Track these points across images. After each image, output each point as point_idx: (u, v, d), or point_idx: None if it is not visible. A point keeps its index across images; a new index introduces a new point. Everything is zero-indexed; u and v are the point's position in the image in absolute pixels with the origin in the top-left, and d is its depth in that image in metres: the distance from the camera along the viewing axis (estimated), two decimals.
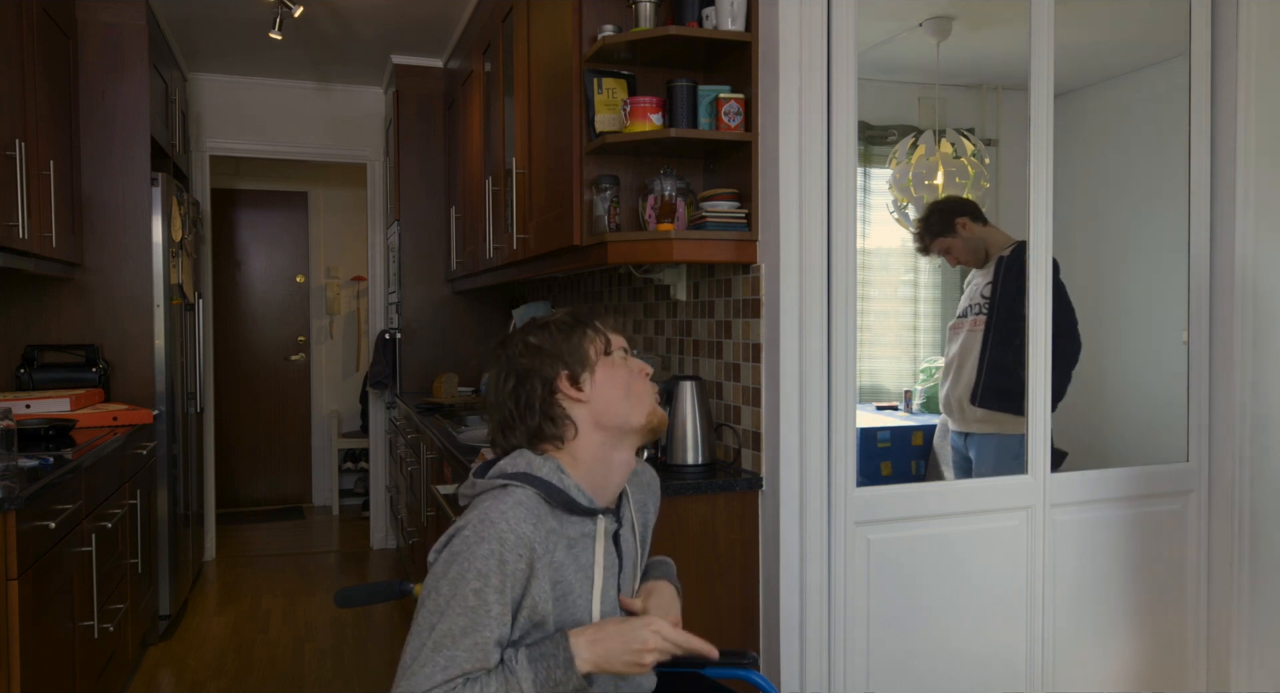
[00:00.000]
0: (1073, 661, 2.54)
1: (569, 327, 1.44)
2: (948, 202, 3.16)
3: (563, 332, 1.43)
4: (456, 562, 1.25)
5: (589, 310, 1.50)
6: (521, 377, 1.41)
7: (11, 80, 2.91)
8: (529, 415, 1.40)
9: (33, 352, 3.68)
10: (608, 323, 1.48)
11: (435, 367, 4.87)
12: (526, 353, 1.42)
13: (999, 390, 2.83)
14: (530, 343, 1.43)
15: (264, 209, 6.61)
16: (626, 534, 1.47)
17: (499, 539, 1.25)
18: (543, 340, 1.42)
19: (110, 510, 3.04)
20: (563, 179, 2.69)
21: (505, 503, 1.29)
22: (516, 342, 1.44)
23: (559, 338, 1.42)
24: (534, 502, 1.32)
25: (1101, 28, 3.01)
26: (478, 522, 1.27)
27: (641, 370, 1.47)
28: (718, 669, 1.62)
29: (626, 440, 1.44)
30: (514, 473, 1.35)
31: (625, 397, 1.42)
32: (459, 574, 1.24)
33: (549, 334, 1.43)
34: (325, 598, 4.48)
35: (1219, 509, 2.63)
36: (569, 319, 1.45)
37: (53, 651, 2.45)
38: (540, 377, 1.40)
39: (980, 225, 2.98)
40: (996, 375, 2.84)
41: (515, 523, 1.27)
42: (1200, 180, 2.63)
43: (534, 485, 1.34)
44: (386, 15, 4.24)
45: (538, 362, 1.41)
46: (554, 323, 1.45)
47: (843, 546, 2.28)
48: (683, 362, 2.84)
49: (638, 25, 2.45)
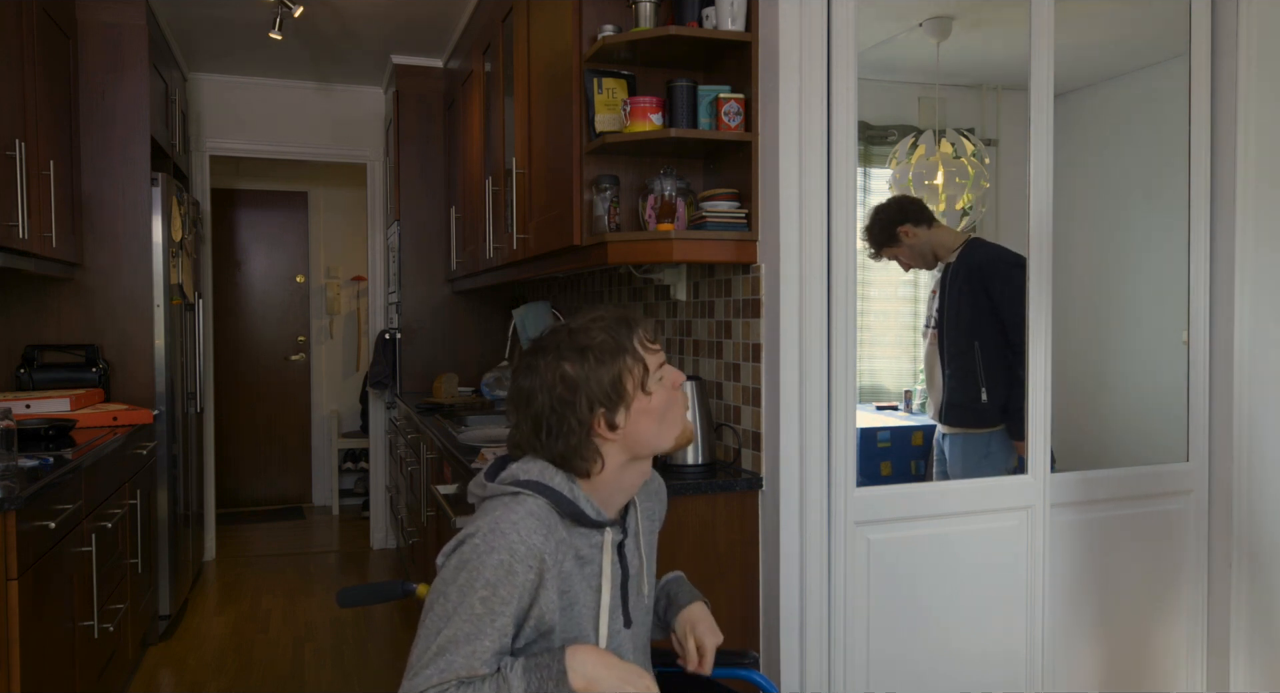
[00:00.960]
0: (1072, 660, 2.55)
1: (609, 354, 1.35)
2: (888, 207, 2.98)
3: (602, 361, 1.34)
4: (466, 569, 1.25)
5: (628, 325, 1.39)
6: (555, 407, 1.34)
7: (11, 80, 2.91)
8: (557, 444, 1.35)
9: (33, 352, 3.68)
10: (647, 333, 1.40)
11: (435, 367, 4.87)
12: (563, 383, 1.34)
13: (959, 407, 2.84)
14: (567, 375, 1.34)
15: (264, 209, 6.61)
16: (631, 545, 1.47)
17: (509, 550, 1.25)
18: (579, 372, 1.33)
19: (110, 510, 3.04)
20: (563, 179, 2.69)
21: (517, 513, 1.29)
22: (552, 366, 1.35)
23: (598, 370, 1.34)
24: (545, 512, 1.31)
25: (1101, 28, 3.01)
26: (489, 530, 1.27)
27: (674, 384, 1.41)
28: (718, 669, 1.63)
29: (647, 460, 1.43)
30: (527, 481, 1.34)
31: (659, 425, 1.38)
32: (468, 582, 1.24)
33: (587, 364, 1.34)
34: (325, 598, 4.48)
35: (1219, 509, 2.63)
36: (610, 341, 1.36)
37: (53, 651, 2.45)
38: (575, 416, 1.33)
39: (925, 229, 2.86)
40: (954, 393, 2.84)
41: (526, 534, 1.26)
42: (1200, 180, 2.62)
43: (545, 495, 1.33)
44: (386, 15, 4.24)
45: (574, 397, 1.33)
46: (593, 349, 1.35)
47: (843, 546, 2.28)
48: (683, 362, 2.84)
49: (638, 25, 2.45)
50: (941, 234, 2.90)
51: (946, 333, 2.83)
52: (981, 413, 2.78)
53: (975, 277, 2.77)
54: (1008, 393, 2.70)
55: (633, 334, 1.38)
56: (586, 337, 1.36)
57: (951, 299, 2.81)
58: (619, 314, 1.40)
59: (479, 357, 4.95)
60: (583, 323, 1.39)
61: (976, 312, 2.77)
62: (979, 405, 2.76)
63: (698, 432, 2.45)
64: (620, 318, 1.40)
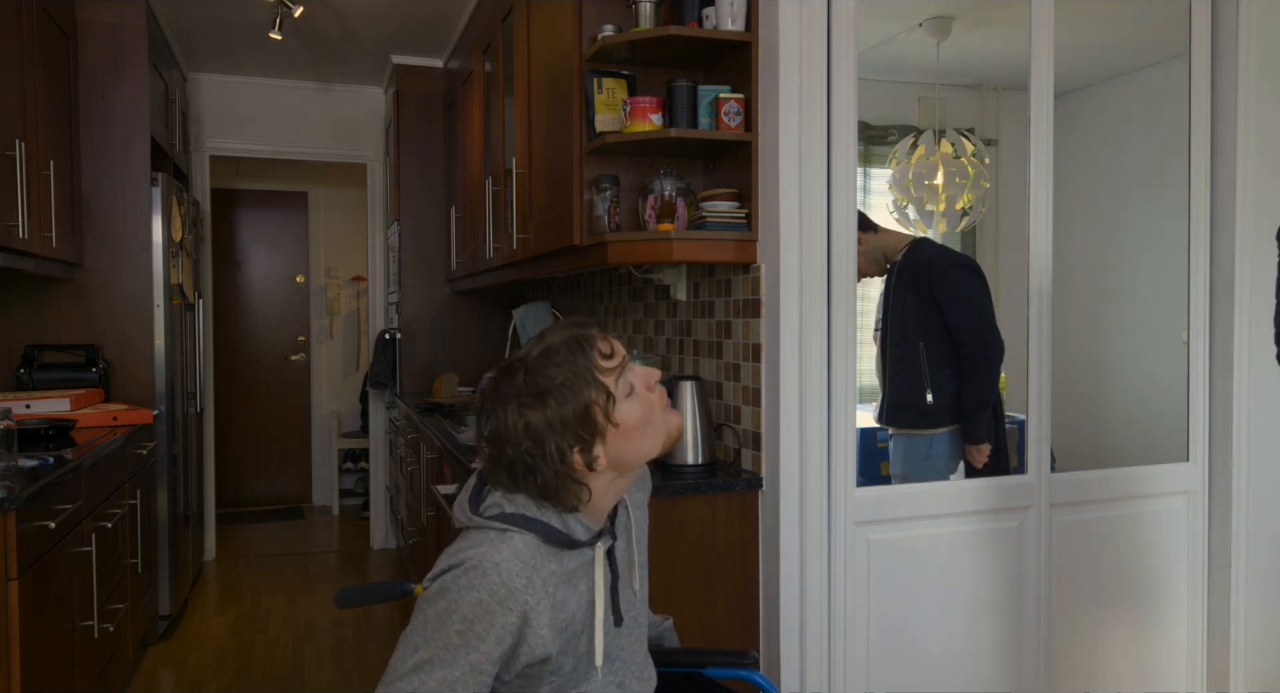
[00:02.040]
0: (1072, 660, 2.55)
1: (571, 391, 1.26)
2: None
3: (564, 401, 1.26)
4: (445, 597, 1.24)
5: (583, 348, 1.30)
6: (525, 460, 1.27)
7: (11, 80, 2.91)
8: (535, 488, 1.29)
9: (33, 352, 3.68)
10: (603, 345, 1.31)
11: (435, 367, 4.87)
12: (529, 435, 1.26)
13: (902, 408, 2.83)
14: (532, 425, 1.26)
15: (264, 209, 6.61)
16: (621, 545, 1.46)
17: (489, 591, 1.22)
18: (543, 419, 1.26)
19: (110, 510, 3.04)
20: (563, 179, 2.69)
21: (502, 553, 1.24)
22: (514, 415, 1.27)
23: (563, 410, 1.26)
24: (531, 550, 1.27)
25: (1101, 28, 3.01)
26: (472, 567, 1.24)
27: (646, 383, 1.34)
28: (718, 669, 1.63)
29: (640, 468, 1.40)
30: (513, 515, 1.29)
31: (641, 435, 1.32)
32: (445, 610, 1.23)
33: (549, 409, 1.26)
34: (325, 598, 4.48)
35: (1219, 509, 2.63)
36: (569, 378, 1.27)
37: (53, 651, 2.45)
38: (548, 465, 1.27)
39: (871, 234, 2.82)
40: (897, 393, 2.83)
41: (508, 577, 1.23)
42: (1200, 180, 2.63)
43: (533, 529, 1.28)
44: (386, 15, 4.24)
45: (543, 447, 1.26)
46: (553, 392, 1.26)
47: (843, 546, 2.28)
48: (683, 362, 2.84)
49: (638, 25, 2.45)
50: (888, 236, 2.90)
51: (890, 333, 2.82)
52: (926, 414, 2.77)
53: (920, 276, 2.77)
54: (955, 395, 2.70)
55: (590, 360, 1.29)
56: (544, 377, 1.27)
57: (895, 299, 2.80)
58: (570, 336, 1.31)
59: (479, 357, 4.95)
60: (535, 359, 1.29)
61: (922, 312, 2.76)
62: (924, 407, 2.76)
63: (699, 432, 2.45)
64: (573, 341, 1.30)
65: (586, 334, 1.31)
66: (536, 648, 1.27)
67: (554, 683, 1.34)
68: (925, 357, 2.74)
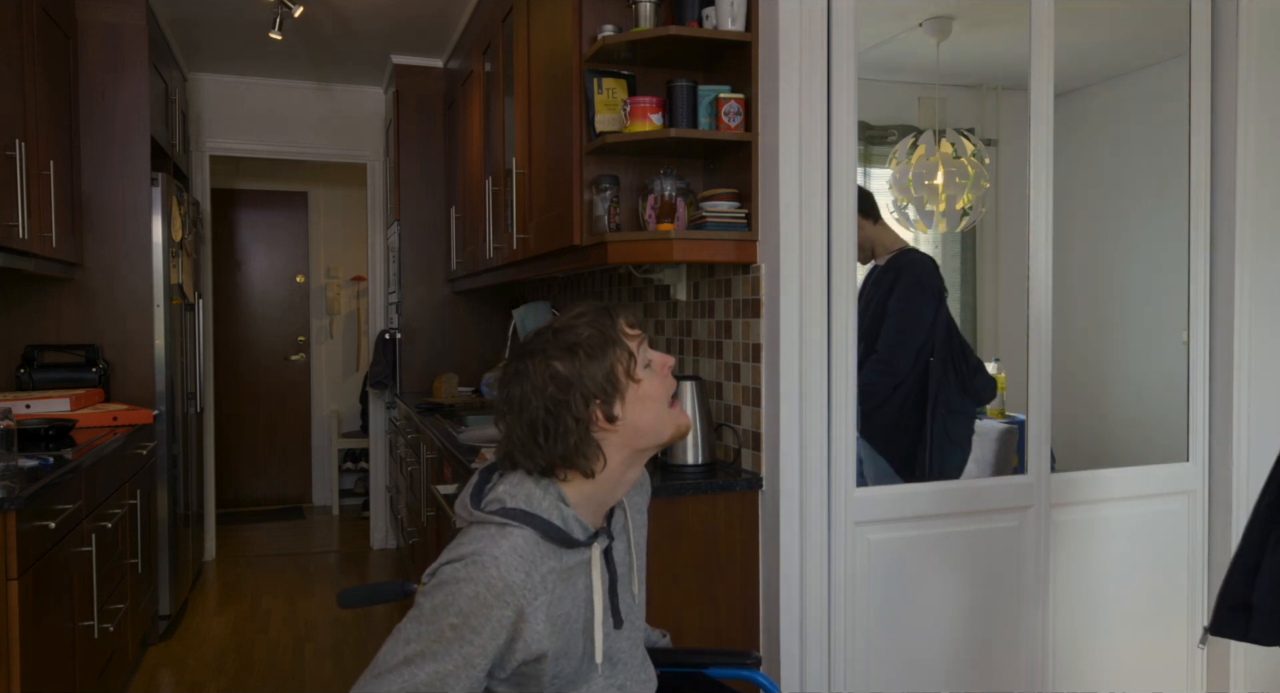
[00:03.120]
0: (1073, 660, 2.55)
1: (598, 348, 1.32)
2: None
3: (592, 356, 1.31)
4: (442, 590, 1.24)
5: (610, 316, 1.37)
6: (550, 409, 1.30)
7: (11, 80, 2.91)
8: (557, 446, 1.31)
9: (33, 352, 3.68)
10: (628, 319, 1.37)
11: (435, 367, 4.87)
12: (555, 382, 1.30)
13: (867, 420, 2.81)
14: (558, 374, 1.30)
15: (264, 209, 6.62)
16: (619, 546, 1.46)
17: (486, 584, 1.23)
18: (571, 369, 1.30)
19: (110, 510, 3.04)
20: (563, 179, 2.69)
21: (500, 547, 1.25)
22: (540, 366, 1.31)
23: (589, 365, 1.31)
24: (530, 545, 1.28)
25: (1101, 28, 3.01)
26: (470, 560, 1.24)
27: (664, 368, 1.39)
28: (720, 669, 1.63)
29: (647, 456, 1.40)
30: (513, 510, 1.30)
31: (657, 415, 1.36)
32: (442, 603, 1.23)
33: (578, 360, 1.31)
34: (325, 598, 4.48)
35: (1219, 509, 2.63)
36: (597, 335, 1.33)
37: (53, 651, 2.45)
38: (572, 413, 1.30)
39: (870, 222, 2.82)
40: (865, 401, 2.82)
41: (506, 571, 1.24)
42: (1200, 180, 2.62)
43: (532, 525, 1.29)
44: (386, 15, 4.24)
45: (568, 395, 1.30)
46: (582, 345, 1.32)
47: (843, 546, 2.28)
48: (683, 362, 2.84)
49: (638, 25, 2.45)
50: (884, 233, 2.89)
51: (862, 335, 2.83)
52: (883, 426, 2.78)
53: (892, 283, 2.77)
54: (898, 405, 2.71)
55: (615, 324, 1.36)
56: (573, 334, 1.33)
57: (863, 302, 2.80)
58: (599, 306, 1.38)
59: (479, 357, 4.95)
60: (565, 321, 1.36)
61: (874, 319, 2.76)
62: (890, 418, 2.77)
63: (698, 432, 2.45)
64: (601, 309, 1.37)
65: (615, 305, 1.39)
66: (532, 644, 1.27)
67: (554, 686, 1.34)
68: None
